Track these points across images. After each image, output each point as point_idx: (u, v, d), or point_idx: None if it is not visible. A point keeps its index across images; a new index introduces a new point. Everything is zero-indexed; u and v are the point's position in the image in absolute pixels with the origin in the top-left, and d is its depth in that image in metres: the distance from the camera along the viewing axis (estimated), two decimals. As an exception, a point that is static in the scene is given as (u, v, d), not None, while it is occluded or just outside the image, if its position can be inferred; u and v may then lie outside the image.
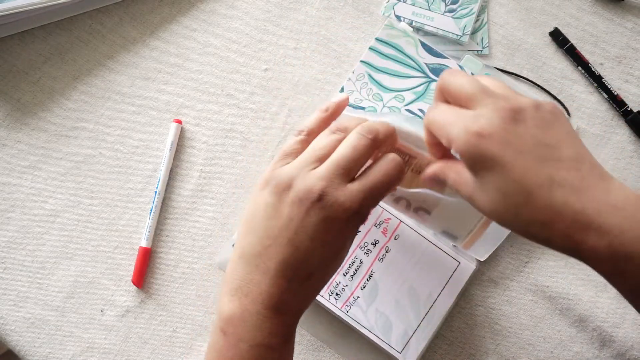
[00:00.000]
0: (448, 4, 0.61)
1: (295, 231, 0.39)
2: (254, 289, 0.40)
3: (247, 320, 0.39)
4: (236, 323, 0.40)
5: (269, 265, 0.39)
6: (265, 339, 0.39)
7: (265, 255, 0.39)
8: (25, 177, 0.59)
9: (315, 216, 0.38)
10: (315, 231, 0.39)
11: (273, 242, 0.39)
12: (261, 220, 0.40)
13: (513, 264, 0.57)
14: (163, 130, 0.60)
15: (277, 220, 0.39)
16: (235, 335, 0.39)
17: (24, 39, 0.62)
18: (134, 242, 0.58)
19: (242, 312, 0.39)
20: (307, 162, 0.40)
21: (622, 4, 0.62)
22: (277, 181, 0.40)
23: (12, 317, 0.56)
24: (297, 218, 0.39)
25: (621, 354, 0.55)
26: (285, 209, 0.39)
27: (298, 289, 0.40)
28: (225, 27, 0.62)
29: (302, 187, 0.39)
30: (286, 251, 0.39)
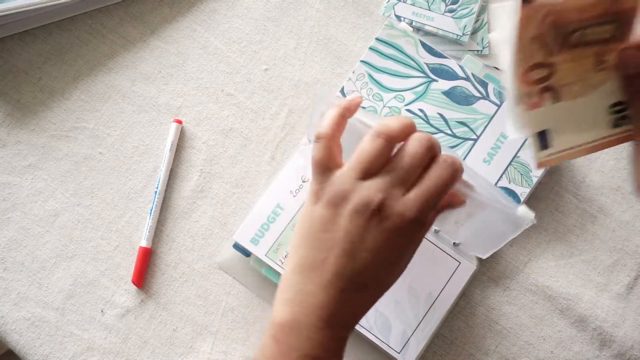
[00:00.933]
0: (448, 4, 0.61)
1: (352, 243, 0.39)
2: (308, 300, 0.40)
3: (299, 330, 0.39)
4: (288, 331, 0.40)
5: (324, 277, 0.39)
6: (315, 350, 0.39)
7: (320, 267, 0.39)
8: (26, 177, 0.59)
9: (373, 228, 0.38)
10: (373, 243, 0.39)
11: (329, 254, 0.39)
12: (316, 233, 0.40)
13: (513, 264, 0.57)
14: (163, 130, 0.60)
15: (334, 232, 0.39)
16: (287, 343, 0.40)
17: (24, 39, 0.62)
18: (134, 242, 0.58)
19: (294, 322, 0.40)
20: (357, 173, 0.40)
21: (622, 3, 0.62)
22: (331, 194, 0.40)
23: (12, 317, 0.56)
24: (355, 230, 0.39)
25: (621, 354, 0.55)
26: (342, 221, 0.39)
27: (352, 301, 0.40)
28: (225, 27, 0.62)
29: (360, 200, 0.39)
30: (342, 263, 0.39)
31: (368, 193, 0.39)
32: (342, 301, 0.39)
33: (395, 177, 0.39)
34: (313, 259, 0.40)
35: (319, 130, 0.42)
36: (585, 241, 0.57)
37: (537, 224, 0.58)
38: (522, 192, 0.56)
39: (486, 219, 0.47)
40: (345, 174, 0.40)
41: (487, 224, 0.48)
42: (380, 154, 0.40)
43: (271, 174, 0.59)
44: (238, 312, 0.57)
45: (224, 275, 0.57)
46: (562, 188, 0.58)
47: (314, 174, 0.42)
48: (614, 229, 0.57)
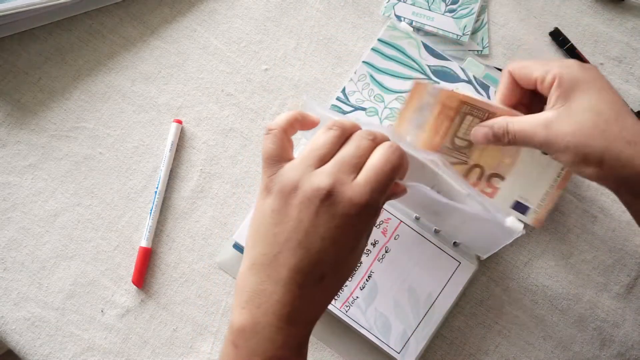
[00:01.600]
0: (448, 4, 0.61)
1: (306, 233, 0.38)
2: (265, 300, 0.38)
3: (259, 333, 0.38)
4: (248, 336, 0.38)
5: (281, 273, 0.38)
6: (277, 351, 0.38)
7: (275, 263, 0.38)
8: (26, 177, 0.59)
9: (324, 214, 0.37)
10: (326, 230, 0.38)
11: (283, 248, 0.38)
12: (269, 227, 0.39)
13: (513, 264, 0.57)
14: (163, 130, 0.60)
15: (286, 224, 0.38)
16: (247, 348, 0.38)
17: (24, 39, 0.62)
18: (134, 242, 0.58)
19: (253, 325, 0.38)
20: (309, 162, 0.39)
21: (622, 4, 0.62)
22: (280, 185, 0.39)
23: (12, 317, 0.56)
24: (307, 219, 0.38)
25: (621, 354, 0.55)
26: (293, 211, 0.38)
27: (311, 295, 0.39)
28: (225, 27, 0.62)
29: (309, 187, 0.38)
30: (297, 255, 0.38)
31: (317, 179, 0.38)
32: (301, 296, 0.38)
33: (343, 163, 0.39)
34: (267, 255, 0.39)
35: (270, 124, 0.42)
36: (585, 241, 0.57)
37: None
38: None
39: (480, 225, 0.47)
40: (296, 165, 0.39)
41: (481, 229, 0.49)
42: (333, 143, 0.40)
43: (271, 174, 0.59)
44: (238, 312, 0.57)
45: (224, 275, 0.57)
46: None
47: (264, 167, 0.41)
48: (614, 229, 0.57)
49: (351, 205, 0.38)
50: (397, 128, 0.53)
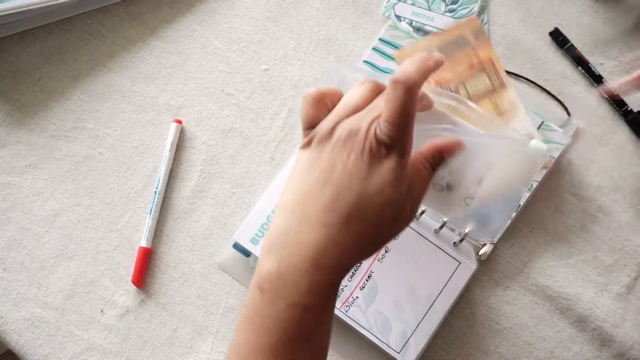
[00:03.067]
0: (448, 4, 0.61)
1: (334, 170, 0.37)
2: (292, 240, 0.37)
3: (285, 276, 0.37)
4: (273, 279, 0.37)
5: (307, 211, 0.37)
6: (303, 297, 0.37)
7: (304, 202, 0.38)
8: (25, 177, 0.59)
9: (353, 151, 0.37)
10: (353, 165, 0.37)
11: (313, 187, 0.38)
12: (302, 173, 0.39)
13: (513, 264, 0.57)
14: (163, 130, 0.60)
15: (317, 167, 0.38)
16: (272, 292, 0.37)
17: (24, 39, 0.62)
18: (134, 242, 0.58)
19: (279, 267, 0.37)
20: (342, 113, 0.39)
21: (622, 4, 0.62)
22: (318, 135, 0.39)
23: (12, 317, 0.56)
24: (337, 158, 0.37)
25: (621, 354, 0.55)
26: (325, 155, 0.38)
27: (337, 235, 0.37)
28: (225, 27, 0.62)
29: (341, 130, 0.38)
30: (325, 193, 0.37)
31: (348, 122, 0.38)
32: (327, 236, 0.37)
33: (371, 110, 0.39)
34: (297, 196, 0.38)
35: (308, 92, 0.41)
36: (585, 241, 0.57)
37: (537, 224, 0.58)
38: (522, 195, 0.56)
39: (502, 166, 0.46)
40: (330, 117, 0.39)
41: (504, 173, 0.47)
42: (365, 97, 0.40)
43: (271, 174, 0.59)
44: (238, 312, 0.57)
45: (224, 275, 0.57)
46: (562, 188, 0.58)
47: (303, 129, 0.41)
48: (614, 229, 0.57)
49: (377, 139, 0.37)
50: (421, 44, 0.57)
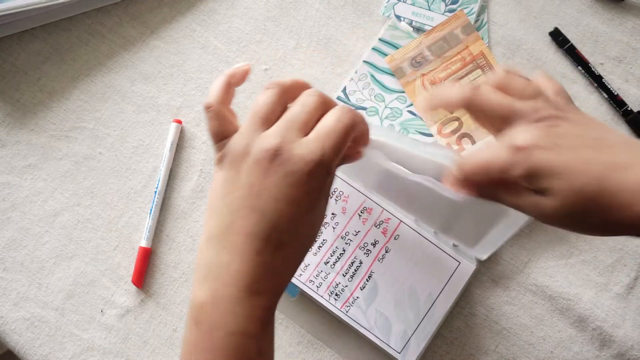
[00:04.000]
0: (448, 3, 0.61)
1: (258, 196, 0.36)
2: (223, 270, 0.36)
3: (220, 306, 0.36)
4: (208, 310, 0.36)
5: (236, 241, 0.36)
6: (240, 324, 0.36)
7: (230, 231, 0.36)
8: (25, 177, 0.59)
9: (275, 174, 0.36)
10: (279, 190, 0.36)
11: (236, 216, 0.36)
12: (222, 197, 0.37)
13: (513, 264, 0.57)
14: (163, 130, 0.60)
15: (237, 191, 0.37)
16: (209, 323, 0.36)
17: (24, 39, 0.62)
18: (134, 242, 0.58)
19: (213, 298, 0.36)
20: (254, 126, 0.38)
21: (622, 4, 0.62)
22: (230, 154, 0.37)
23: (12, 317, 0.56)
24: (257, 182, 0.36)
25: (621, 354, 0.55)
26: (244, 177, 0.37)
27: (271, 262, 0.37)
28: (225, 27, 0.62)
29: (258, 149, 0.36)
30: (252, 221, 0.36)
31: (265, 141, 0.36)
32: (261, 264, 0.36)
33: (290, 121, 0.37)
34: (221, 225, 0.37)
35: (207, 100, 0.40)
36: (585, 241, 0.57)
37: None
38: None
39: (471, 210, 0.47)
40: (242, 132, 0.38)
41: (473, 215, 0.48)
42: (275, 103, 0.38)
43: (271, 174, 0.59)
44: (238, 312, 0.57)
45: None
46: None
47: (214, 146, 0.39)
48: (613, 229, 0.57)
49: (302, 162, 0.36)
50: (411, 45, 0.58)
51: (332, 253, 0.55)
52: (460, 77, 0.58)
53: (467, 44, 0.58)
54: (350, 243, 0.55)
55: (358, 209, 0.56)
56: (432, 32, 0.59)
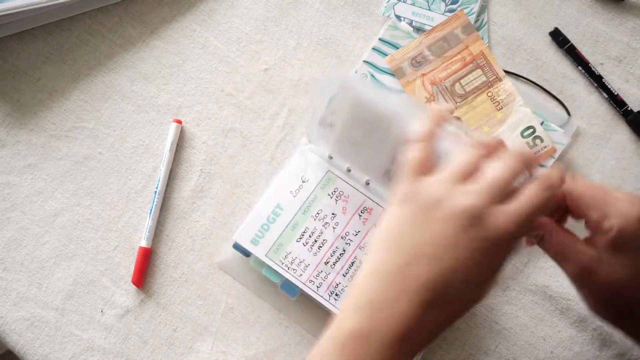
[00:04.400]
0: (448, 4, 0.61)
1: (446, 249, 0.36)
2: (386, 308, 0.36)
3: (372, 342, 0.36)
4: (357, 341, 0.36)
5: (409, 285, 0.36)
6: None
7: (405, 273, 0.36)
8: (25, 177, 0.59)
9: (469, 234, 0.36)
10: (468, 251, 0.36)
11: (417, 260, 0.36)
12: (404, 236, 0.37)
13: (513, 264, 0.57)
14: (163, 130, 0.60)
15: (424, 237, 0.37)
16: (353, 354, 0.36)
17: (24, 39, 0.62)
18: (134, 242, 0.58)
19: (367, 331, 0.36)
20: (454, 178, 0.38)
21: (622, 4, 0.62)
22: (424, 197, 0.37)
23: (12, 317, 0.56)
24: (451, 235, 0.36)
25: (621, 354, 0.55)
26: (437, 225, 0.36)
27: (434, 315, 0.36)
28: (225, 27, 0.62)
29: (458, 204, 0.36)
30: (432, 270, 0.36)
31: (468, 198, 0.36)
32: (423, 315, 0.36)
33: (494, 186, 0.37)
34: (396, 264, 0.37)
35: (419, 131, 0.40)
36: (585, 241, 0.57)
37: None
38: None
39: None
40: (441, 180, 0.38)
41: None
42: (475, 162, 0.38)
43: (271, 174, 0.59)
44: (238, 312, 0.57)
45: (223, 276, 0.57)
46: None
47: (407, 176, 0.39)
48: (614, 229, 0.57)
49: (499, 231, 0.36)
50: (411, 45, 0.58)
51: (332, 253, 0.55)
52: (460, 77, 0.58)
53: (467, 44, 0.58)
54: (351, 243, 0.55)
55: (358, 209, 0.56)
56: (432, 32, 0.59)
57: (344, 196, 0.56)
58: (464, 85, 0.58)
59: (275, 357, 0.56)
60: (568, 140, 0.58)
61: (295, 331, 0.56)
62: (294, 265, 0.54)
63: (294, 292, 0.55)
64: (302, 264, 0.54)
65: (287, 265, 0.54)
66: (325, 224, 0.55)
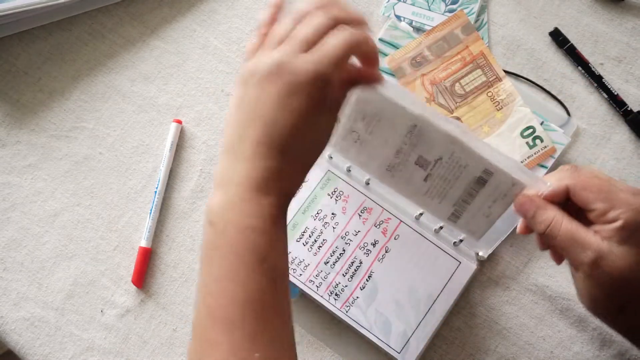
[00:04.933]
0: (448, 4, 0.61)
1: (262, 106, 0.39)
2: (235, 175, 0.40)
3: (231, 206, 0.40)
4: (221, 211, 0.40)
5: (245, 149, 0.40)
6: (252, 221, 0.39)
7: (240, 142, 0.40)
8: (25, 177, 0.59)
9: (275, 86, 0.39)
10: (279, 99, 0.39)
11: (245, 126, 0.40)
12: (234, 112, 0.41)
13: (513, 264, 0.57)
14: (163, 130, 0.60)
15: (246, 105, 0.40)
16: (222, 222, 0.39)
17: (24, 39, 0.62)
18: (134, 242, 0.58)
19: (225, 201, 0.40)
20: (267, 47, 0.41)
21: (622, 4, 0.62)
22: (245, 72, 0.41)
23: (12, 317, 0.56)
24: (262, 94, 0.39)
25: (621, 354, 0.55)
26: (251, 91, 0.40)
27: (277, 165, 0.40)
28: (225, 27, 0.62)
29: (262, 65, 0.39)
30: (257, 129, 0.39)
31: (269, 56, 0.40)
32: (267, 168, 0.39)
33: (294, 40, 0.40)
34: (233, 137, 0.41)
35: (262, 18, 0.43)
36: (585, 241, 0.57)
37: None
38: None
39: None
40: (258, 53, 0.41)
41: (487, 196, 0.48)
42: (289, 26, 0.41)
43: (271, 174, 0.59)
44: (238, 312, 0.57)
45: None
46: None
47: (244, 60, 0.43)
48: (614, 229, 0.57)
49: (302, 72, 0.39)
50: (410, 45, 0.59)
51: (332, 253, 0.55)
52: (460, 77, 0.58)
53: (467, 44, 0.58)
54: (350, 243, 0.55)
55: (358, 209, 0.56)
56: (432, 32, 0.59)
57: (343, 196, 0.56)
58: (463, 85, 0.58)
59: (275, 357, 0.56)
60: (568, 140, 0.58)
61: (295, 331, 0.56)
62: (293, 265, 0.54)
63: (294, 292, 0.55)
64: (302, 263, 0.54)
65: (287, 265, 0.54)
66: (325, 223, 0.55)
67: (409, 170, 0.49)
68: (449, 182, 0.48)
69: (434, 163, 0.47)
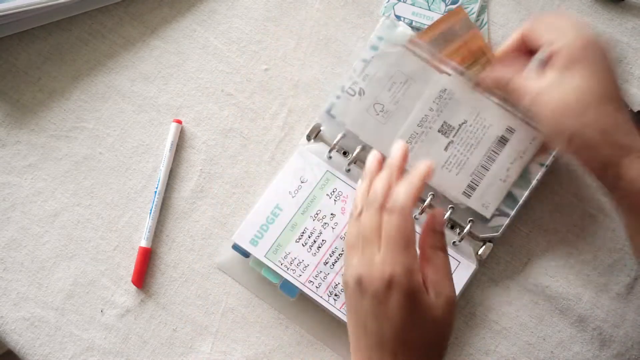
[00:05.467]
0: (448, 4, 0.61)
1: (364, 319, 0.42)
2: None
3: None
4: None
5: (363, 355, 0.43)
6: None
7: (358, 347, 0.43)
8: (25, 177, 0.59)
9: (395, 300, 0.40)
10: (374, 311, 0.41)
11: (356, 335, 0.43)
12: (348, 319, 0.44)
13: (513, 264, 0.57)
14: (163, 130, 0.60)
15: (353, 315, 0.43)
16: None
17: (24, 39, 0.62)
18: (134, 242, 0.58)
19: None
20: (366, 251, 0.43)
21: (622, 4, 0.62)
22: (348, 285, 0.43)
23: (12, 317, 0.56)
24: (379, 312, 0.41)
25: (621, 354, 0.55)
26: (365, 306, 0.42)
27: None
28: (225, 27, 0.62)
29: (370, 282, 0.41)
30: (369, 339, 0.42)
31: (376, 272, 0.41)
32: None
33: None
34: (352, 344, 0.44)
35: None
36: (585, 241, 0.57)
37: (536, 224, 0.58)
38: (520, 194, 0.56)
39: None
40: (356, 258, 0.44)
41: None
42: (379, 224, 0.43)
43: (271, 174, 0.59)
44: (238, 312, 0.57)
45: (223, 276, 0.57)
46: (562, 188, 0.58)
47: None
48: (614, 229, 0.57)
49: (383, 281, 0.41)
50: (419, 38, 0.58)
51: (331, 253, 0.55)
52: None
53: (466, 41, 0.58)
54: (350, 243, 0.55)
55: (358, 209, 0.55)
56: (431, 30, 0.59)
57: (342, 196, 0.56)
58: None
59: (275, 357, 0.56)
60: (568, 140, 0.58)
61: (295, 331, 0.56)
62: (293, 265, 0.54)
63: (294, 293, 0.55)
64: (301, 264, 0.54)
65: (287, 265, 0.54)
66: (324, 224, 0.55)
67: (430, 140, 0.49)
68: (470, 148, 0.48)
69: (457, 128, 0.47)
